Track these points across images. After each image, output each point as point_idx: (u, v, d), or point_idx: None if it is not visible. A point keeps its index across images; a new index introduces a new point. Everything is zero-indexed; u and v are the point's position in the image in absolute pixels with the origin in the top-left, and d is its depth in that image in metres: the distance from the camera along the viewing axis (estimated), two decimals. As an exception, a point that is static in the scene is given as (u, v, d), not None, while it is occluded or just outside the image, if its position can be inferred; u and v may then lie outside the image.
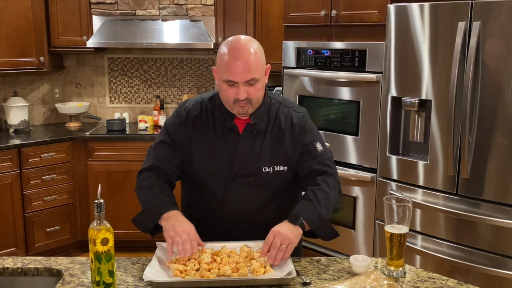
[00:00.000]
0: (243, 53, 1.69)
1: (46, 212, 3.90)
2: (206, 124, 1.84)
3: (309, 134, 1.87)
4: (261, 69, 1.72)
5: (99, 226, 1.43)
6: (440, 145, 2.70)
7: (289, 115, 1.86)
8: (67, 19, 4.13)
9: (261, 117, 1.82)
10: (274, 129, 1.83)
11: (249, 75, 1.68)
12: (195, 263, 1.61)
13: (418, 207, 2.81)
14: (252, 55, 1.69)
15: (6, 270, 1.68)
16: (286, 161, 1.83)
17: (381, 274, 1.56)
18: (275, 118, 1.84)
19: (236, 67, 1.67)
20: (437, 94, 2.69)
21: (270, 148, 1.81)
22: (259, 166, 1.80)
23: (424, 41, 2.71)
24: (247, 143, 1.81)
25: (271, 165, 1.81)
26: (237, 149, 1.80)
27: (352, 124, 3.21)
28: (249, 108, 1.75)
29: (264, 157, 1.81)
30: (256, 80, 1.71)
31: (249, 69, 1.68)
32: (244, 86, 1.69)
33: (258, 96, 1.75)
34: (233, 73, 1.68)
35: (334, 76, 3.23)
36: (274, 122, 1.84)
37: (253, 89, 1.71)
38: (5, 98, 4.23)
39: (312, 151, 1.84)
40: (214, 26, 4.15)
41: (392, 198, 1.63)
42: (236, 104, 1.73)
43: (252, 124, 1.81)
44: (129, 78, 4.64)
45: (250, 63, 1.68)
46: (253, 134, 1.81)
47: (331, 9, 3.24)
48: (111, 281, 1.46)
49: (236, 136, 1.81)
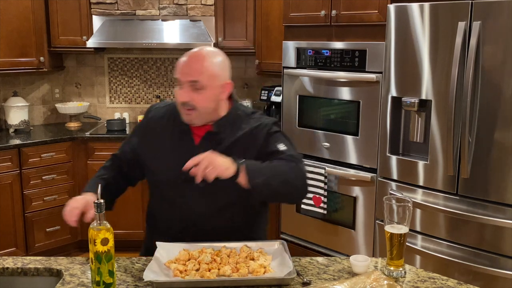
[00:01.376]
0: (194, 55, 1.72)
1: (46, 212, 3.91)
2: (166, 127, 1.84)
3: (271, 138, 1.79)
4: (210, 77, 1.70)
5: (99, 226, 1.43)
6: (440, 145, 2.70)
7: (253, 126, 1.80)
8: (67, 19, 4.13)
9: (225, 126, 1.79)
10: (236, 140, 1.78)
11: (191, 76, 1.68)
12: (195, 263, 1.61)
13: (418, 207, 2.81)
14: (203, 60, 1.70)
15: (6, 270, 1.68)
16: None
17: (381, 274, 1.56)
18: (239, 129, 1.79)
19: (182, 65, 1.71)
20: (437, 94, 2.69)
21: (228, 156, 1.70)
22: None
23: (424, 41, 2.71)
24: (201, 149, 1.72)
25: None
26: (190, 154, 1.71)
27: (352, 124, 3.21)
28: (195, 118, 1.74)
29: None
30: (202, 86, 1.69)
31: (193, 69, 1.69)
32: (188, 88, 1.69)
33: (205, 106, 1.71)
34: (178, 70, 1.71)
35: (334, 76, 3.23)
36: (238, 134, 1.79)
37: (198, 95, 1.69)
38: (5, 98, 4.23)
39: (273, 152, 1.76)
40: (214, 26, 4.15)
41: (392, 198, 1.63)
42: (183, 110, 1.73)
43: (213, 132, 1.78)
44: (129, 78, 4.64)
45: (196, 64, 1.69)
46: (211, 142, 1.77)
47: (331, 9, 3.24)
48: (111, 281, 1.46)
49: (190, 142, 1.80)
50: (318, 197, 3.36)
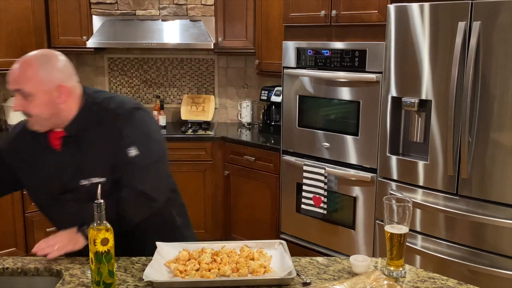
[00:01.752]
0: (20, 63, 1.67)
1: (46, 212, 3.90)
2: (30, 141, 1.80)
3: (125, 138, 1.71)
4: (35, 84, 1.64)
5: (99, 226, 1.43)
6: (440, 145, 2.70)
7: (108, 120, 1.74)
8: (67, 19, 4.13)
9: (76, 127, 1.73)
10: (91, 137, 1.73)
11: (15, 85, 1.65)
12: (195, 263, 1.61)
13: (418, 207, 2.81)
14: (26, 67, 1.65)
15: (6, 270, 1.68)
16: (102, 171, 1.72)
17: (381, 274, 1.56)
18: (95, 127, 1.74)
19: (9, 74, 1.66)
20: (437, 94, 2.69)
21: (88, 158, 1.73)
22: (76, 180, 1.73)
23: (424, 41, 2.71)
24: (64, 157, 1.74)
25: (88, 177, 1.72)
26: (54, 163, 1.75)
27: (352, 124, 3.21)
28: (34, 124, 1.71)
29: (82, 170, 1.73)
30: (29, 94, 1.64)
31: (16, 78, 1.65)
32: (18, 96, 1.66)
33: (39, 112, 1.67)
34: (7, 80, 1.67)
35: (334, 76, 3.23)
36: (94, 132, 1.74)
37: (29, 103, 1.65)
38: (5, 98, 4.23)
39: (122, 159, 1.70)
40: (214, 26, 4.15)
41: (392, 198, 1.63)
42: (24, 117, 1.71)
43: (67, 137, 1.74)
44: (129, 78, 4.64)
45: (19, 72, 1.65)
46: (69, 147, 1.74)
47: (331, 9, 3.24)
48: (111, 281, 1.46)
49: (52, 152, 1.76)
50: (318, 197, 3.36)
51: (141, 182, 1.71)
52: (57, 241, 1.66)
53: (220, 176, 4.13)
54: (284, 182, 3.66)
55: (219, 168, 4.12)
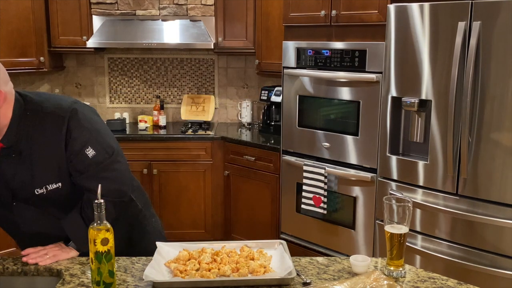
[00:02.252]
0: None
1: (46, 212, 3.90)
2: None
3: (76, 139, 1.65)
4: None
5: (99, 226, 1.43)
6: (440, 145, 2.70)
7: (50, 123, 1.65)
8: (67, 19, 4.13)
9: (14, 137, 1.63)
10: (34, 145, 1.64)
11: None
12: (195, 263, 1.61)
13: (418, 207, 2.81)
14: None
15: (6, 270, 1.68)
16: (57, 176, 1.67)
17: (381, 274, 1.56)
18: (34, 133, 1.64)
19: None
20: (437, 94, 2.69)
21: (36, 167, 1.65)
22: (31, 190, 1.67)
23: (424, 41, 2.71)
24: (9, 168, 1.66)
25: (43, 185, 1.67)
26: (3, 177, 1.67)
27: (352, 124, 3.21)
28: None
29: (32, 179, 1.66)
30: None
31: None
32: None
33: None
34: None
35: (334, 76, 3.23)
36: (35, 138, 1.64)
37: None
38: (5, 98, 4.23)
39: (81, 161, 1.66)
40: (214, 26, 4.15)
41: (392, 198, 1.63)
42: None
43: (6, 148, 1.64)
44: (129, 78, 4.64)
45: None
46: (12, 158, 1.65)
47: (331, 9, 3.24)
48: (111, 281, 1.46)
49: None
50: (318, 197, 3.36)
51: (108, 181, 1.67)
52: (49, 250, 1.70)
53: (220, 176, 4.13)
54: (284, 182, 3.66)
55: (219, 168, 4.12)
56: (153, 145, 4.09)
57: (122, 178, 1.76)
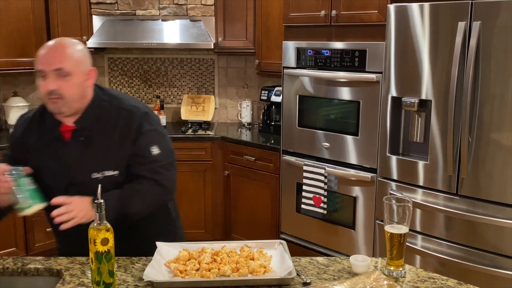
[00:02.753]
0: (55, 45, 1.71)
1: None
2: (37, 133, 1.81)
3: (145, 137, 1.80)
4: (75, 64, 1.70)
5: (99, 226, 1.43)
6: (440, 145, 2.71)
7: (121, 117, 1.80)
8: (67, 19, 4.13)
9: (88, 122, 1.77)
10: (102, 132, 1.77)
11: (55, 63, 1.66)
12: (195, 263, 1.62)
13: (418, 207, 2.81)
14: (64, 47, 1.70)
15: (6, 270, 1.68)
16: (116, 165, 1.78)
17: (381, 274, 1.56)
18: (105, 121, 1.78)
19: (44, 56, 1.68)
20: (437, 94, 2.69)
21: (99, 152, 1.77)
22: (88, 173, 1.75)
23: (424, 41, 2.71)
24: (75, 150, 1.76)
25: (100, 170, 1.76)
26: (65, 157, 1.76)
27: (352, 124, 3.21)
28: (62, 106, 1.71)
29: (92, 163, 1.76)
30: (67, 73, 1.68)
31: (55, 58, 1.67)
32: (53, 76, 1.67)
33: (72, 93, 1.70)
34: (41, 62, 1.68)
35: (334, 76, 3.23)
36: (103, 125, 1.78)
37: (64, 83, 1.68)
38: (5, 98, 4.23)
39: (145, 156, 1.79)
40: (214, 26, 4.15)
41: (392, 198, 1.63)
42: (49, 100, 1.70)
43: (77, 130, 1.76)
44: (129, 78, 4.64)
45: (58, 52, 1.69)
46: (80, 141, 1.76)
47: (331, 9, 3.24)
48: (111, 281, 1.46)
49: (63, 144, 1.78)
50: (318, 197, 3.36)
51: (163, 178, 1.81)
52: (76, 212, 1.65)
53: (220, 176, 4.13)
54: (284, 182, 3.66)
55: (219, 168, 4.12)
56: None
57: (172, 181, 1.87)
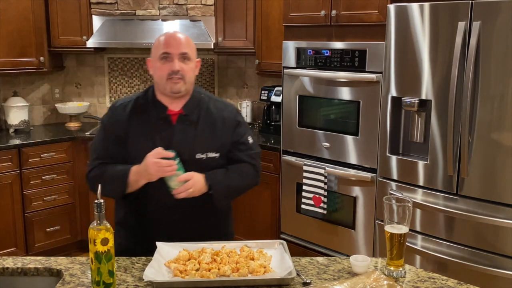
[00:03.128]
0: (177, 33, 1.96)
1: (46, 212, 3.91)
2: (141, 117, 1.96)
3: (242, 126, 2.05)
4: (194, 52, 1.95)
5: (99, 226, 1.43)
6: (440, 145, 2.71)
7: (220, 108, 2.03)
8: (67, 19, 4.13)
9: (192, 108, 1.97)
10: (206, 119, 1.98)
11: (182, 48, 1.89)
12: (195, 263, 1.62)
13: (418, 207, 2.81)
14: (186, 36, 1.96)
15: (6, 270, 1.68)
16: (218, 148, 1.97)
17: (381, 274, 1.56)
18: (206, 109, 2.00)
19: (170, 41, 1.91)
20: (437, 94, 2.69)
21: (203, 136, 1.95)
22: (193, 153, 1.92)
23: (424, 41, 2.71)
24: (180, 132, 1.94)
25: (204, 151, 1.94)
26: (171, 138, 1.92)
27: (352, 124, 3.21)
28: (182, 86, 1.90)
29: (197, 145, 1.94)
30: (189, 58, 1.91)
31: (181, 43, 1.91)
32: (178, 59, 1.89)
33: (190, 75, 1.93)
34: (168, 46, 1.90)
35: (334, 76, 3.23)
36: (205, 113, 1.99)
37: (186, 66, 1.90)
38: (5, 98, 4.23)
39: (245, 143, 2.03)
40: (214, 26, 4.15)
41: (392, 198, 1.63)
42: (170, 81, 1.89)
43: (184, 115, 1.96)
44: (129, 78, 4.64)
45: (183, 39, 1.93)
46: (186, 124, 1.95)
47: (331, 9, 3.24)
48: (111, 281, 1.46)
49: (169, 126, 1.94)
50: (318, 197, 3.36)
51: (258, 164, 2.09)
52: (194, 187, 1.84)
53: (220, 176, 4.12)
54: (284, 182, 3.66)
55: (219, 168, 4.11)
56: (153, 145, 4.09)
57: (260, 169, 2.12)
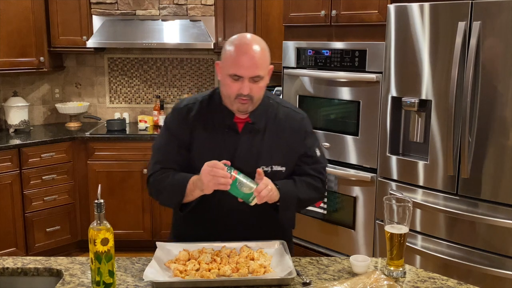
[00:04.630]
0: (251, 49, 1.72)
1: (46, 212, 3.90)
2: (206, 122, 1.84)
3: (310, 137, 1.91)
4: (266, 68, 1.75)
5: (99, 226, 1.43)
6: (440, 145, 2.70)
7: (289, 115, 1.88)
8: (67, 19, 4.13)
9: (260, 116, 1.83)
10: (273, 128, 1.84)
11: (255, 71, 1.70)
12: (195, 263, 1.62)
13: (418, 207, 2.81)
14: (259, 52, 1.72)
15: (6, 270, 1.68)
16: (284, 161, 1.84)
17: (381, 274, 1.56)
18: (274, 117, 1.86)
19: (243, 62, 1.70)
20: (437, 94, 2.69)
21: (269, 147, 1.83)
22: (258, 165, 1.79)
23: (424, 41, 2.71)
24: (246, 141, 1.82)
25: (270, 164, 1.82)
26: (236, 147, 1.81)
27: (352, 124, 3.21)
28: (250, 106, 1.76)
29: (262, 156, 1.82)
30: (261, 78, 1.73)
31: (255, 65, 1.70)
32: (248, 81, 1.71)
33: (260, 94, 1.77)
34: (240, 67, 1.70)
35: (334, 76, 3.23)
36: (273, 121, 1.85)
37: (256, 86, 1.73)
38: (5, 98, 4.23)
39: (312, 156, 1.90)
40: (214, 26, 4.15)
41: (392, 198, 1.63)
42: (237, 100, 1.74)
43: (251, 123, 1.82)
44: (129, 78, 4.64)
45: (257, 59, 1.71)
46: (252, 133, 1.82)
47: (331, 9, 3.24)
48: (111, 281, 1.46)
49: (235, 135, 1.82)
50: (318, 197, 3.36)
51: (325, 178, 1.95)
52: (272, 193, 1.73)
53: (220, 176, 4.12)
54: (284, 182, 3.66)
55: (219, 168, 4.11)
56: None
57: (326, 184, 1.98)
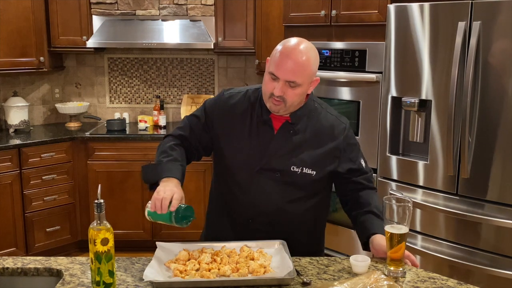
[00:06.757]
0: (294, 54, 1.72)
1: (46, 212, 3.90)
2: (244, 113, 1.86)
3: (354, 150, 1.90)
4: (307, 77, 1.73)
5: (99, 226, 1.43)
6: (440, 145, 2.71)
7: (332, 123, 1.87)
8: (67, 19, 4.13)
9: (301, 117, 1.83)
10: (312, 132, 1.84)
11: (291, 77, 1.70)
12: (195, 263, 1.61)
13: (418, 207, 2.81)
14: (302, 60, 1.72)
15: (6, 270, 1.68)
16: (316, 166, 1.83)
17: (381, 274, 1.56)
18: (316, 121, 1.85)
19: (283, 64, 1.70)
20: (437, 94, 2.69)
21: (304, 149, 1.82)
22: (288, 164, 1.81)
23: (424, 41, 2.71)
24: (280, 139, 1.82)
25: (301, 166, 1.82)
26: (269, 143, 1.81)
27: (352, 124, 3.21)
28: (282, 108, 1.76)
29: (294, 157, 1.81)
30: (297, 85, 1.72)
31: (293, 71, 1.70)
32: (283, 84, 1.71)
33: (294, 100, 1.75)
34: (279, 68, 1.70)
35: (334, 76, 3.23)
36: (314, 125, 1.84)
37: (291, 91, 1.72)
38: (5, 98, 4.23)
39: (360, 169, 1.90)
40: (214, 26, 4.15)
41: (392, 198, 1.63)
42: (271, 99, 1.75)
43: (290, 123, 1.82)
44: (129, 78, 4.64)
45: (297, 66, 1.70)
46: (289, 133, 1.82)
47: (331, 9, 3.24)
48: (111, 281, 1.46)
49: (270, 131, 1.83)
50: (318, 197, 3.35)
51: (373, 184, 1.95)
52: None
53: (220, 176, 4.12)
54: (284, 182, 3.66)
55: (219, 168, 4.11)
56: (153, 145, 4.09)
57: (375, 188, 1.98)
